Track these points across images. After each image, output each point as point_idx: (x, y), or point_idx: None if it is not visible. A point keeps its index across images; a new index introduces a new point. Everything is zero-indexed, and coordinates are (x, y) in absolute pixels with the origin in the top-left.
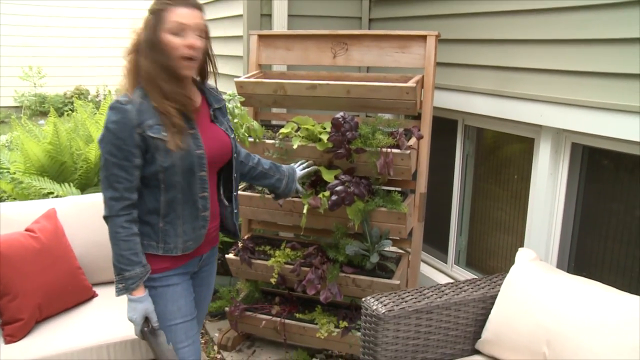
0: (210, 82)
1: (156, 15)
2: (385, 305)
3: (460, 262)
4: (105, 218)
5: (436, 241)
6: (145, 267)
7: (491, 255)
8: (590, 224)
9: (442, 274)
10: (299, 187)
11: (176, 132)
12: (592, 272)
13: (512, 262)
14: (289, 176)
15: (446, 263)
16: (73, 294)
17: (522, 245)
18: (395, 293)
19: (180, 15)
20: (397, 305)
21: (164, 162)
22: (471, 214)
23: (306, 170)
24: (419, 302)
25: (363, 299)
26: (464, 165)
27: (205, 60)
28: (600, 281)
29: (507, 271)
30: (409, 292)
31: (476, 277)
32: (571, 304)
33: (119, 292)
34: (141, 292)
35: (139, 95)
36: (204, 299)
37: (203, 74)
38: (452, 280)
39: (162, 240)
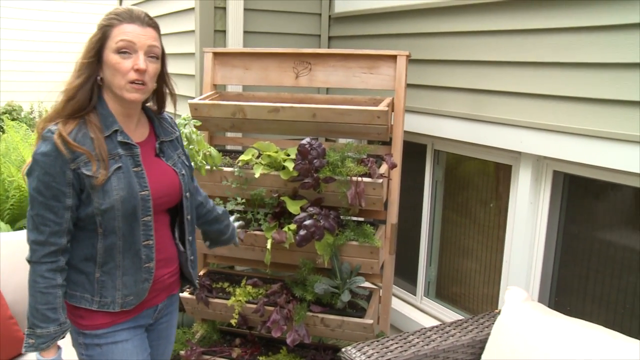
0: (169, 107)
1: (101, 31)
2: (369, 357)
3: (430, 293)
4: (28, 262)
5: (404, 272)
6: (62, 325)
7: (462, 286)
8: (573, 256)
9: (410, 306)
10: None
11: (103, 166)
12: (575, 306)
13: (486, 295)
14: (234, 226)
15: (415, 295)
16: (3, 349)
17: (497, 277)
18: (377, 341)
19: (128, 32)
20: (382, 356)
21: (101, 205)
22: (441, 244)
23: (238, 224)
24: (405, 351)
25: (343, 349)
26: (434, 191)
27: (161, 87)
28: (584, 316)
29: (482, 306)
30: (392, 340)
31: (450, 311)
32: (574, 352)
33: (27, 349)
34: (52, 354)
35: (76, 124)
36: (162, 355)
37: (160, 102)
38: (421, 313)
39: (97, 293)
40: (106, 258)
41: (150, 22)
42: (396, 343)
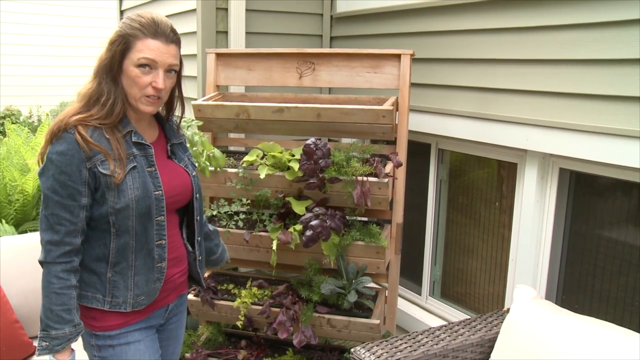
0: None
1: (124, 39)
2: (378, 357)
3: (435, 293)
4: (41, 263)
5: (409, 272)
6: (76, 327)
7: (468, 286)
8: (580, 253)
9: (415, 306)
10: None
11: (120, 165)
12: (583, 304)
13: (491, 294)
14: (223, 245)
15: (420, 295)
16: (9, 353)
17: (503, 275)
18: (386, 341)
19: (151, 50)
20: (391, 356)
21: (116, 204)
22: (446, 243)
23: None
24: (414, 350)
25: (352, 350)
26: (438, 191)
27: (173, 95)
28: (591, 314)
29: (488, 305)
30: (401, 339)
31: (455, 310)
32: (586, 350)
33: (41, 351)
34: (66, 356)
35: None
36: (172, 355)
37: (169, 108)
38: (426, 313)
39: (109, 294)
40: (118, 258)
41: (174, 39)
42: (405, 343)
